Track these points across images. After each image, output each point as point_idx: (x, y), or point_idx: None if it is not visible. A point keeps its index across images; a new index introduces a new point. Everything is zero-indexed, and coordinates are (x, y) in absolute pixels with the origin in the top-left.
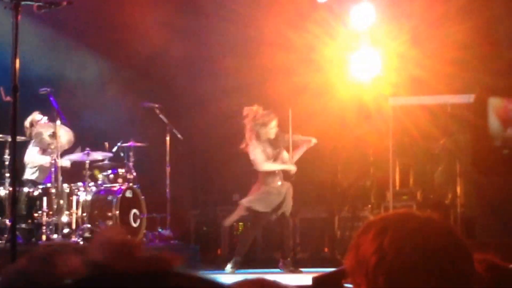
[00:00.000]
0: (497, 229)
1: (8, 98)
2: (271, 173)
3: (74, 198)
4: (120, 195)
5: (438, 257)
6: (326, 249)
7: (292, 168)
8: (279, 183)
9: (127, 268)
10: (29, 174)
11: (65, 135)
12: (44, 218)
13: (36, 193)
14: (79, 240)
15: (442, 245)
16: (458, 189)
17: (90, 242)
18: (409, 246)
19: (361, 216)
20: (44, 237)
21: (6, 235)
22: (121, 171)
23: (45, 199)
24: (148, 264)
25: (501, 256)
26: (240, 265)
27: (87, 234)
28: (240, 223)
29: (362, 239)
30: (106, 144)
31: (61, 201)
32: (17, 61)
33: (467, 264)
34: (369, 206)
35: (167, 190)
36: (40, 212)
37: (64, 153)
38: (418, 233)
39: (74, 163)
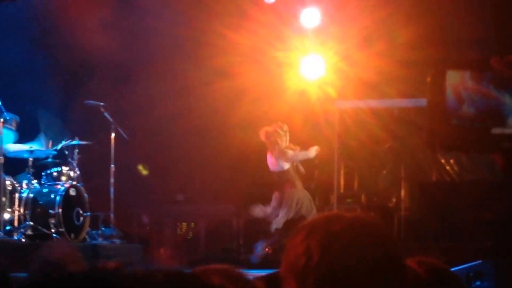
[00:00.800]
0: (442, 232)
1: None
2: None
3: (17, 195)
4: (64, 193)
5: (365, 256)
6: (269, 251)
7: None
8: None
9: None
10: None
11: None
12: None
13: None
14: (21, 238)
15: (370, 244)
16: (402, 193)
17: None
18: (335, 246)
19: (308, 217)
20: None
21: None
22: (65, 169)
23: None
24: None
25: (444, 260)
26: None
27: (29, 232)
28: (184, 223)
29: (292, 242)
30: (50, 141)
31: (3, 198)
32: None
33: (396, 262)
34: (313, 208)
35: (111, 189)
36: None
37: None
38: (344, 233)
39: (17, 160)
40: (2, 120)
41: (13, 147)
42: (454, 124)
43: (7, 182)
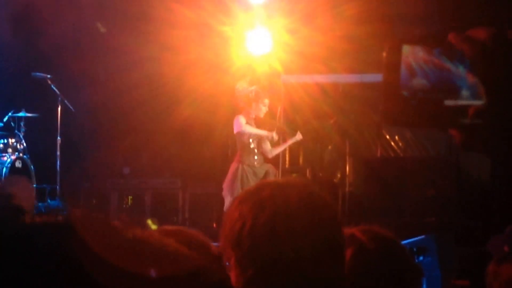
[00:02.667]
0: (386, 208)
1: None
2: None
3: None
4: (10, 165)
5: (297, 219)
6: (214, 224)
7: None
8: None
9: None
10: None
11: None
12: None
13: None
14: None
15: (301, 206)
16: (347, 168)
17: None
18: (267, 211)
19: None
20: None
21: None
22: (11, 141)
23: None
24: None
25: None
26: None
27: None
28: (130, 196)
29: (227, 213)
30: None
31: None
32: None
33: (332, 224)
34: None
35: (58, 162)
36: None
37: None
38: (275, 197)
39: None
40: None
41: None
42: (404, 96)
43: None
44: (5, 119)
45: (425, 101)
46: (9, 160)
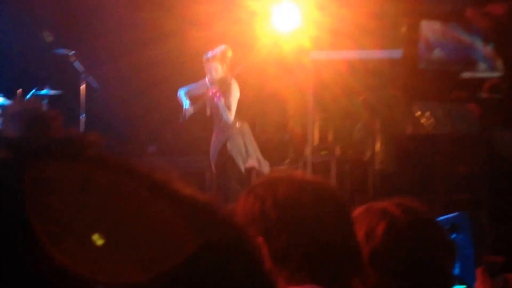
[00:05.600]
0: (417, 186)
1: None
2: None
3: None
4: None
5: (309, 191)
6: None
7: None
8: None
9: (40, 148)
10: None
11: None
12: None
13: None
14: None
15: (309, 183)
16: (377, 146)
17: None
18: (283, 186)
19: (279, 170)
20: None
21: None
22: None
23: None
24: (65, 143)
25: None
26: None
27: None
28: None
29: (239, 203)
30: (19, 91)
31: None
32: None
33: (337, 196)
34: (287, 160)
35: None
36: None
37: None
38: (285, 177)
39: None
40: None
41: None
42: (423, 68)
43: None
44: (28, 96)
45: (443, 73)
46: None
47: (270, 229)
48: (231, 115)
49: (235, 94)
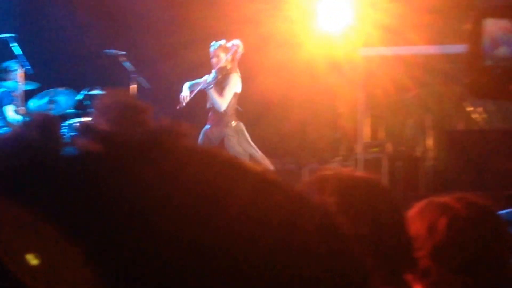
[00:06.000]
0: (469, 182)
1: None
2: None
3: None
4: None
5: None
6: None
7: None
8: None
9: (134, 140)
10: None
11: None
12: None
13: None
14: None
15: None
16: (429, 142)
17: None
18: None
19: (330, 168)
20: None
21: None
22: (86, 119)
23: None
24: (158, 135)
25: None
26: None
27: None
28: None
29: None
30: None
31: None
32: None
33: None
34: (338, 158)
35: None
36: None
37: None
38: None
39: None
40: (24, 73)
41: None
42: (488, 66)
43: None
44: (79, 97)
45: (509, 70)
46: None
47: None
48: (222, 104)
49: (232, 86)
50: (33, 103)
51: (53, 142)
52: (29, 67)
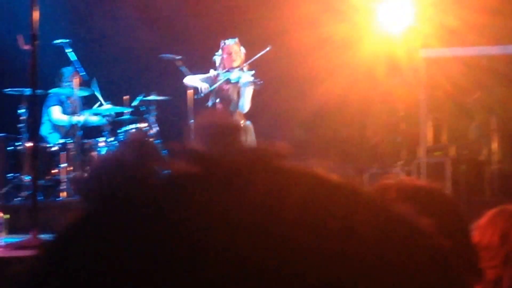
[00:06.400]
0: None
1: (27, 47)
2: None
3: (94, 153)
4: None
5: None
6: None
7: None
8: None
9: (233, 160)
10: (46, 130)
11: None
12: (63, 175)
13: (54, 148)
14: None
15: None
16: (494, 145)
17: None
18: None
19: (391, 172)
20: (64, 194)
21: (24, 192)
22: (142, 125)
23: (63, 154)
24: (256, 155)
25: None
26: None
27: None
28: None
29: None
30: (126, 97)
31: (81, 157)
32: (36, 9)
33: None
34: (400, 162)
35: None
36: (59, 168)
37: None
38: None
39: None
40: (80, 78)
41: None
42: None
43: (84, 140)
44: (135, 102)
45: None
46: None
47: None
48: (249, 105)
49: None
50: (89, 109)
51: (150, 164)
52: (84, 73)
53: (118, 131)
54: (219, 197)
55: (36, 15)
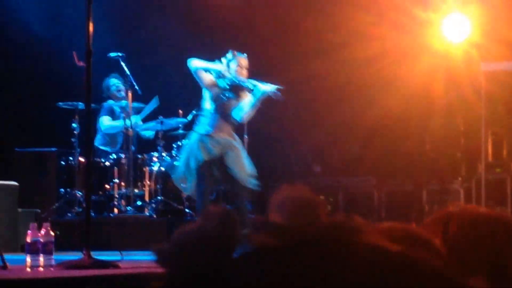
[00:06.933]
0: None
1: (81, 63)
2: None
3: (147, 169)
4: None
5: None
6: (413, 224)
7: None
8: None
9: (312, 234)
10: (99, 142)
11: None
12: (116, 190)
13: (107, 163)
14: (152, 214)
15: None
16: None
17: (270, 201)
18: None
19: (450, 189)
20: (116, 210)
21: (76, 207)
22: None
23: (116, 169)
24: (334, 231)
25: None
26: None
27: (160, 207)
28: (321, 196)
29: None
30: (180, 111)
31: (134, 172)
32: (90, 24)
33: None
34: (459, 178)
35: None
36: (111, 183)
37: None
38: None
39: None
40: (132, 92)
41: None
42: None
43: (138, 156)
44: (190, 117)
45: None
46: None
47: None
48: (249, 117)
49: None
50: (143, 123)
51: (231, 237)
52: (137, 87)
53: (173, 145)
54: (295, 270)
55: (90, 31)
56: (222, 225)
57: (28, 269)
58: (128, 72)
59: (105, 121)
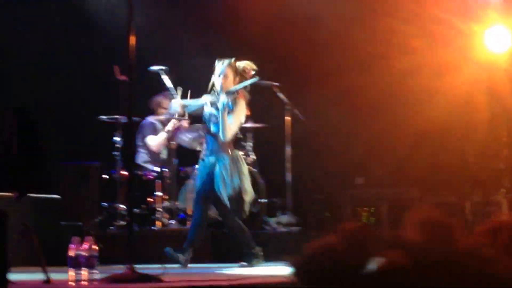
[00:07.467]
0: None
1: (123, 77)
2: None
3: (191, 182)
4: None
5: None
6: None
7: None
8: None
9: (447, 256)
10: (142, 160)
11: None
12: (159, 203)
13: (149, 176)
14: None
15: None
16: None
17: (405, 219)
18: None
19: (494, 200)
20: (158, 223)
21: (119, 221)
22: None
23: (159, 183)
24: (470, 252)
25: None
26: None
27: None
28: (366, 208)
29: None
30: None
31: (176, 185)
32: (132, 38)
33: None
34: (503, 190)
35: (288, 174)
36: (154, 196)
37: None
38: None
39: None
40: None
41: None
42: None
43: (180, 168)
44: None
45: None
46: None
47: None
48: (228, 133)
49: (241, 115)
50: (184, 135)
51: (363, 254)
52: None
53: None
54: None
55: (132, 46)
56: (355, 242)
57: (72, 283)
58: (171, 85)
59: (151, 141)
